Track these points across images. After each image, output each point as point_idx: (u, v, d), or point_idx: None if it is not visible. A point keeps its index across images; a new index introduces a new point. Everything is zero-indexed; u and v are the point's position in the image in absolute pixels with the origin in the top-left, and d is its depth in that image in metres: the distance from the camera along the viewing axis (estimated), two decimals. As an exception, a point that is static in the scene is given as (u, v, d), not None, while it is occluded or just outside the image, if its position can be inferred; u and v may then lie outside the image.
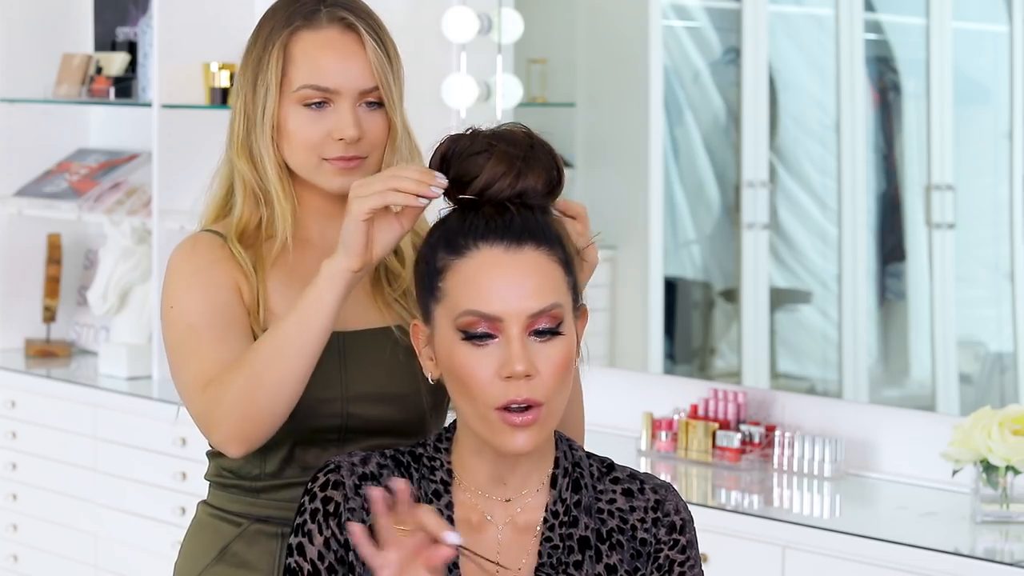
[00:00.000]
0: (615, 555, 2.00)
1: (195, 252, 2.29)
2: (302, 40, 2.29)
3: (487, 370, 1.91)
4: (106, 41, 5.46)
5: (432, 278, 1.96)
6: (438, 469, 2.01)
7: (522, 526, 2.00)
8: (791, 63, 4.49)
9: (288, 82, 2.28)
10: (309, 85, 2.27)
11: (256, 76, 2.30)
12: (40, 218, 5.45)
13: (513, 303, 1.91)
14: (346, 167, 2.29)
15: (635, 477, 2.05)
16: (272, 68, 2.28)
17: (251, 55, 2.33)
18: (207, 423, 2.17)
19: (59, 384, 5.03)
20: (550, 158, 1.99)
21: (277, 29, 2.30)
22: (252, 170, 2.31)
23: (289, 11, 2.31)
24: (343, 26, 2.30)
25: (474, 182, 1.96)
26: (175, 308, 2.26)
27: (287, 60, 2.28)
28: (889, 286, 4.31)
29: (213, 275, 2.26)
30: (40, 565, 5.09)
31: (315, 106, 2.28)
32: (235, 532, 2.34)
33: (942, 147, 4.14)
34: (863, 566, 3.35)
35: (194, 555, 2.38)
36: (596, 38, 4.69)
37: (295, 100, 2.28)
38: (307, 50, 2.28)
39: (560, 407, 1.96)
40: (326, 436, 2.28)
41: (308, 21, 2.30)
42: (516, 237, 1.93)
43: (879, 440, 3.91)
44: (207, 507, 2.40)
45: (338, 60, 2.28)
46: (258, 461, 2.31)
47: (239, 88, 2.33)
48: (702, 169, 4.57)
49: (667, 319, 4.57)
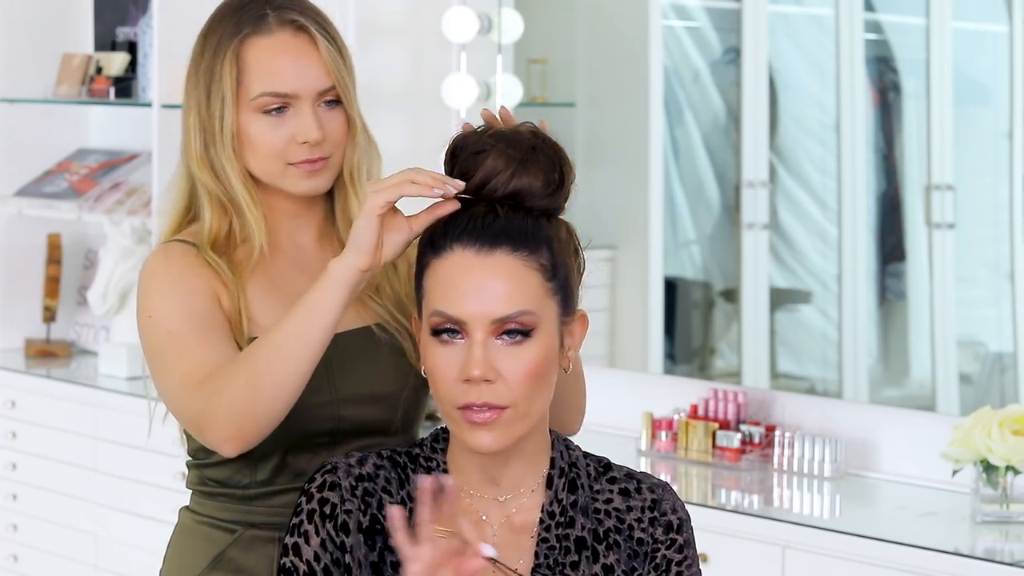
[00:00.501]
0: (612, 555, 2.00)
1: (169, 261, 2.27)
2: (254, 47, 2.27)
3: (451, 370, 1.92)
4: (106, 41, 5.46)
5: (419, 275, 1.98)
6: (434, 470, 2.01)
7: (518, 527, 2.00)
8: (791, 63, 4.49)
9: (244, 91, 2.26)
10: (268, 92, 2.25)
11: (209, 87, 2.28)
12: (40, 218, 5.45)
13: (477, 307, 1.91)
14: (312, 169, 2.28)
15: (632, 477, 2.05)
16: (226, 78, 2.26)
17: (200, 66, 2.30)
18: (201, 423, 2.15)
19: (59, 384, 5.03)
20: (552, 159, 1.97)
21: (226, 38, 2.28)
22: (216, 182, 2.29)
23: (235, 18, 2.29)
24: (294, 28, 2.28)
25: (471, 180, 1.96)
26: (154, 317, 2.23)
27: (241, 69, 2.26)
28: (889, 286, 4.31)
29: (191, 283, 2.24)
30: (40, 565, 5.09)
31: (275, 112, 2.26)
32: (229, 539, 2.32)
33: (942, 147, 4.14)
34: (863, 566, 3.35)
35: (183, 563, 2.36)
36: (596, 38, 4.69)
37: (254, 108, 2.26)
38: (260, 57, 2.26)
39: (534, 410, 1.95)
40: (317, 440, 2.27)
41: (257, 27, 2.27)
42: (490, 240, 1.92)
43: (879, 440, 3.91)
44: (193, 514, 2.38)
45: (293, 64, 2.26)
46: (248, 470, 2.30)
47: (191, 100, 2.30)
48: (702, 169, 4.57)
49: (667, 319, 4.56)
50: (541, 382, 1.94)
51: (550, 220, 1.98)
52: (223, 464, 2.31)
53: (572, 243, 2.01)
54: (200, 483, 2.37)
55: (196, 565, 2.34)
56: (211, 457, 2.33)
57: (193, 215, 2.34)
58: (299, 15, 2.29)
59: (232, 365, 2.13)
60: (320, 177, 2.28)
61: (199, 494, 2.38)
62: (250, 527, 2.31)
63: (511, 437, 1.94)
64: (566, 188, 1.99)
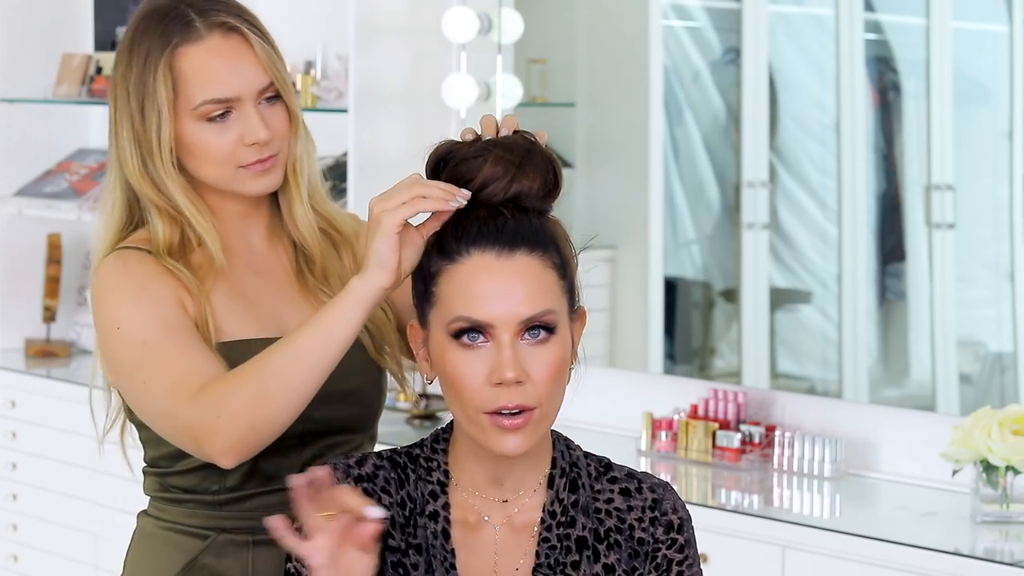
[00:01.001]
0: (613, 555, 2.00)
1: (128, 270, 2.20)
2: (186, 55, 2.21)
3: (478, 375, 1.91)
4: (106, 41, 5.46)
5: (427, 282, 1.96)
6: (435, 470, 2.01)
7: (519, 526, 2.00)
8: (791, 63, 4.49)
9: (183, 101, 2.21)
10: (210, 100, 2.20)
11: (143, 101, 2.21)
12: (40, 218, 5.45)
13: (504, 309, 1.91)
14: (263, 168, 2.24)
15: (633, 476, 2.05)
16: (160, 91, 2.20)
17: (128, 78, 2.23)
18: (199, 435, 2.09)
19: (59, 384, 5.03)
20: (547, 161, 1.98)
21: (155, 49, 2.21)
22: (160, 195, 2.24)
23: (160, 29, 2.22)
24: (224, 30, 2.22)
25: (469, 185, 1.96)
26: (123, 328, 2.16)
27: (176, 79, 2.20)
28: (889, 286, 4.31)
29: (157, 290, 2.18)
30: (40, 565, 5.09)
31: (218, 118, 2.21)
32: (201, 545, 2.28)
33: (942, 147, 4.14)
34: (863, 566, 3.35)
35: (150, 570, 2.32)
36: (596, 38, 4.69)
37: (196, 117, 2.21)
38: (195, 64, 2.21)
39: (554, 409, 1.96)
40: (286, 443, 2.21)
41: (186, 35, 2.21)
42: (508, 242, 1.92)
43: (879, 440, 3.91)
44: (155, 520, 2.33)
45: (230, 67, 2.21)
46: (217, 477, 2.25)
47: (122, 115, 2.24)
48: (702, 169, 4.56)
49: (667, 319, 4.56)
50: (561, 380, 1.95)
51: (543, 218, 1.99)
52: (189, 472, 2.27)
53: (568, 240, 2.02)
54: (162, 490, 2.32)
55: (166, 573, 2.30)
56: (175, 465, 2.28)
57: (136, 223, 2.28)
58: (227, 16, 2.23)
59: (236, 376, 2.08)
60: (272, 175, 2.25)
61: (161, 500, 2.33)
62: (222, 532, 2.28)
63: (536, 438, 1.94)
64: (559, 188, 2.00)
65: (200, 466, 2.24)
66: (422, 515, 1.98)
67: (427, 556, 1.97)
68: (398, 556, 1.96)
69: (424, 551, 1.97)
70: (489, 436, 1.93)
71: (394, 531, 1.97)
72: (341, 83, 4.66)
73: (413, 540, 1.98)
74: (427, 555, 1.97)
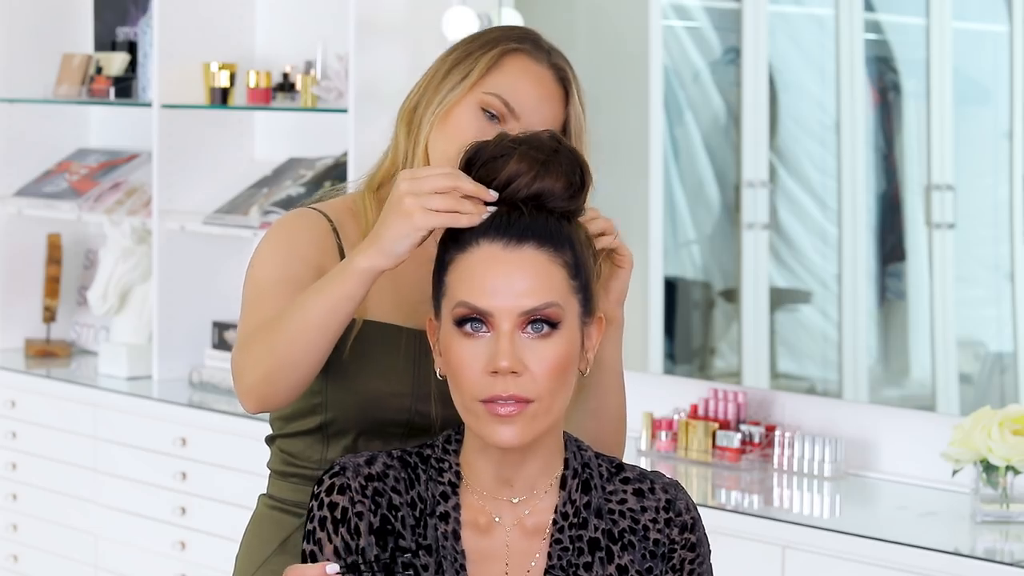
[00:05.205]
0: (627, 556, 2.01)
1: (295, 224, 2.32)
2: (517, 60, 2.31)
3: (476, 363, 1.93)
4: (106, 41, 5.46)
5: (440, 273, 1.99)
6: (446, 471, 2.02)
7: (531, 528, 2.00)
8: (791, 63, 4.49)
9: (484, 84, 2.29)
10: (500, 97, 2.29)
11: (459, 63, 2.31)
12: (40, 218, 5.46)
13: (505, 299, 1.92)
14: None
15: (645, 476, 2.06)
16: (478, 63, 2.30)
17: (462, 47, 2.33)
18: (235, 374, 2.21)
19: (59, 384, 5.04)
20: (573, 163, 2.00)
21: (502, 40, 2.32)
22: (407, 139, 2.34)
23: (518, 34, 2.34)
24: (555, 72, 2.32)
25: (494, 183, 1.97)
26: (254, 267, 2.29)
27: (494, 68, 2.30)
28: (889, 286, 4.31)
29: (302, 249, 2.29)
30: (40, 565, 5.09)
31: (489, 116, 2.29)
32: (296, 523, 2.35)
33: (942, 147, 4.14)
34: (863, 566, 3.36)
35: (254, 548, 2.41)
36: (596, 38, 4.69)
37: (478, 103, 2.29)
38: (515, 70, 2.30)
39: (556, 407, 1.96)
40: (390, 430, 2.30)
41: (532, 53, 2.32)
42: (517, 235, 1.94)
43: (879, 440, 3.92)
44: (267, 499, 2.43)
45: (537, 97, 2.30)
46: (320, 446, 2.34)
47: (440, 65, 2.34)
48: (702, 169, 4.56)
49: (667, 319, 4.56)
50: (564, 377, 1.95)
51: (569, 222, 2.00)
52: (296, 436, 2.36)
53: (590, 246, 2.03)
54: (278, 459, 2.40)
55: (265, 549, 2.38)
56: (285, 428, 2.38)
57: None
58: (565, 65, 2.34)
59: (264, 327, 2.18)
60: None
61: (276, 475, 2.41)
62: None
63: (532, 432, 1.94)
64: (586, 191, 2.01)
65: (305, 431, 2.34)
66: (432, 516, 1.99)
67: (437, 557, 1.97)
68: (408, 557, 1.97)
69: (435, 552, 1.97)
70: (484, 425, 1.94)
71: (404, 531, 1.98)
72: (341, 83, 4.67)
73: (423, 541, 1.98)
74: (437, 556, 1.97)
